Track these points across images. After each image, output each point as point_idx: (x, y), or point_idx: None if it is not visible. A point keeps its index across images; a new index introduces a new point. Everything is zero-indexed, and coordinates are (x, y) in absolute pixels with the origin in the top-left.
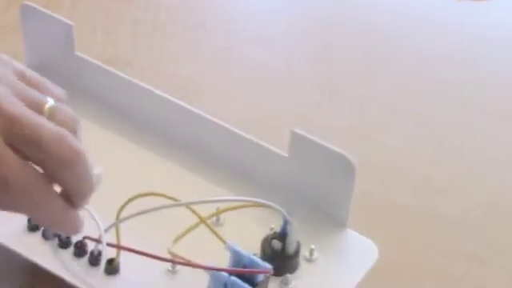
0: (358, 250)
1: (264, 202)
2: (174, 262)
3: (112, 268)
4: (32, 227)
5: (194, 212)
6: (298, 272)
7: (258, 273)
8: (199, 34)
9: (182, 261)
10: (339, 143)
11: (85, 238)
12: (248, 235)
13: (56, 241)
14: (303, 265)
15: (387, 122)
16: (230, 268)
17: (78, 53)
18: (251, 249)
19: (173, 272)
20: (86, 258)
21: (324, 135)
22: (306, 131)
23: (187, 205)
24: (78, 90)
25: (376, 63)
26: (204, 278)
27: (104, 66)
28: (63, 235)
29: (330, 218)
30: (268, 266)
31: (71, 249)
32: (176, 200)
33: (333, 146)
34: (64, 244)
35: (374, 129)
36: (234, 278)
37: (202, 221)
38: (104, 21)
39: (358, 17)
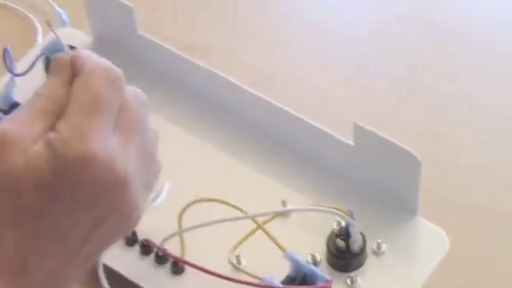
0: (429, 241)
1: (324, 208)
2: (232, 281)
3: (177, 268)
4: None
5: (254, 220)
6: (365, 267)
7: None
8: (275, 24)
9: (239, 279)
10: (414, 139)
11: (147, 241)
12: (314, 228)
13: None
14: (371, 258)
15: (466, 122)
16: (284, 286)
17: (140, 32)
18: (317, 244)
19: (236, 271)
20: (151, 257)
21: (399, 130)
22: (380, 124)
23: (251, 217)
24: (140, 67)
25: (458, 61)
26: None
27: (165, 45)
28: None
29: (400, 205)
30: (327, 277)
31: (137, 247)
32: (239, 208)
33: (403, 140)
34: (130, 242)
35: (451, 127)
36: None
37: (261, 228)
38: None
39: (439, 16)
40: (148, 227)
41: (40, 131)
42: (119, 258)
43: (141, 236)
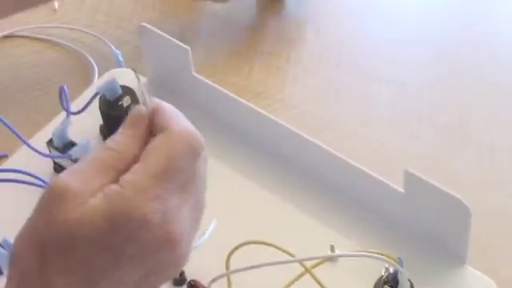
0: None
1: (373, 254)
2: None
3: None
4: None
5: (302, 264)
6: None
7: None
8: (327, 71)
9: None
10: (464, 187)
11: (194, 282)
12: (362, 274)
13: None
14: None
15: None
16: None
17: (195, 73)
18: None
19: None
20: None
21: (449, 178)
22: (430, 171)
23: (299, 261)
24: (194, 108)
25: (507, 111)
26: None
27: (220, 87)
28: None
29: (449, 254)
30: None
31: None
32: (287, 251)
33: (453, 188)
34: (178, 282)
35: (502, 176)
36: None
37: (309, 272)
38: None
39: (490, 69)
40: (196, 268)
41: (100, 185)
42: None
43: (189, 276)
